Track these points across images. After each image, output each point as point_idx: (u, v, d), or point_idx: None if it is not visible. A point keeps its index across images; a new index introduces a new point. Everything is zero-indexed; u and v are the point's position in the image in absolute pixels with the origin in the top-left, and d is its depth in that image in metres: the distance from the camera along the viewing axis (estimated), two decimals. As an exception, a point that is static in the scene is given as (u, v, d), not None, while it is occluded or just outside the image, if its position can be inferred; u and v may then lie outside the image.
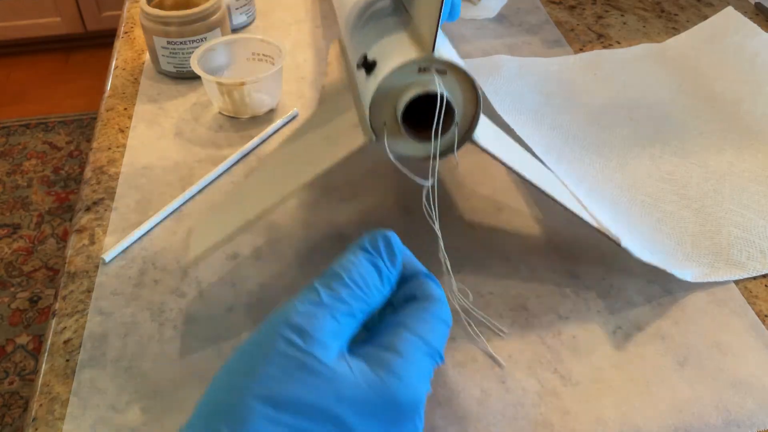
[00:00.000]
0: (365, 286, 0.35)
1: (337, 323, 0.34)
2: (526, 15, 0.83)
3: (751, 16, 0.81)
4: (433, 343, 0.35)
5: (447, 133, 0.41)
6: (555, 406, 0.43)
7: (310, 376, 0.31)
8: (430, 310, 0.36)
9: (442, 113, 0.40)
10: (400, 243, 0.38)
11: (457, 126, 0.42)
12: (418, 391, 0.33)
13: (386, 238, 0.38)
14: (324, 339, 0.33)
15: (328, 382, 0.31)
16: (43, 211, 1.85)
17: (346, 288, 0.35)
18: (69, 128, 2.15)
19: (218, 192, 0.57)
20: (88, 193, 0.57)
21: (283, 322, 0.33)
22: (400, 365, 0.33)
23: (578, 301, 0.49)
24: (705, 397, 0.43)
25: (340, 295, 0.34)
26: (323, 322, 0.33)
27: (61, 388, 0.43)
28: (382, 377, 0.32)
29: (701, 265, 0.51)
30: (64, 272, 0.51)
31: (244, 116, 0.65)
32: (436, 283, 0.39)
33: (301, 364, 0.32)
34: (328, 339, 0.33)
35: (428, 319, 0.36)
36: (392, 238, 0.38)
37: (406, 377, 0.33)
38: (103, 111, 0.67)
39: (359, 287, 0.35)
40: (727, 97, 0.67)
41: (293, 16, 0.82)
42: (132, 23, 0.82)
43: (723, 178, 0.58)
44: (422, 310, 0.36)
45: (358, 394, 0.32)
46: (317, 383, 0.31)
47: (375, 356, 0.33)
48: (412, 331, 0.35)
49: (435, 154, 0.42)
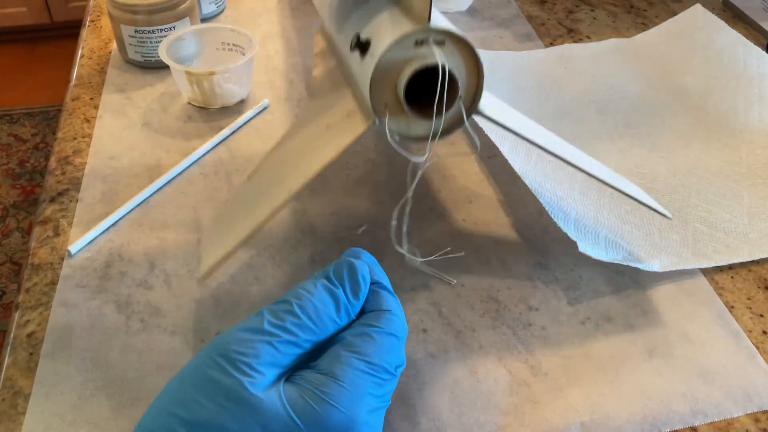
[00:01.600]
0: (316, 317, 0.35)
1: (275, 351, 0.33)
2: (497, 9, 0.83)
3: (719, 12, 0.82)
4: (377, 360, 0.34)
5: (452, 107, 0.39)
6: (525, 395, 0.43)
7: (236, 406, 0.31)
8: (377, 326, 0.36)
9: (445, 85, 0.38)
10: (366, 271, 0.37)
11: (461, 98, 0.40)
12: (353, 414, 0.32)
13: (352, 268, 0.37)
14: (257, 367, 0.32)
15: (252, 411, 0.31)
16: (7, 204, 1.81)
17: (293, 317, 0.34)
18: (34, 120, 2.11)
19: (187, 184, 0.57)
20: (53, 184, 0.56)
21: (218, 347, 0.33)
22: (335, 390, 0.32)
23: (548, 292, 0.49)
24: (673, 386, 0.43)
25: (285, 324, 0.34)
26: (259, 350, 0.33)
27: (24, 382, 0.42)
28: (312, 405, 0.32)
29: (669, 255, 0.51)
30: (28, 264, 0.50)
31: (214, 107, 0.64)
32: (392, 296, 0.38)
33: (228, 392, 0.31)
34: (262, 367, 0.32)
35: (373, 335, 0.35)
36: (359, 268, 0.37)
37: (339, 402, 0.32)
38: (68, 101, 0.66)
39: (309, 317, 0.34)
40: (695, 92, 0.68)
41: (263, 6, 0.81)
42: (99, 12, 0.80)
43: (690, 173, 0.59)
44: (368, 327, 0.36)
45: (283, 425, 0.31)
46: (241, 413, 0.31)
47: (311, 382, 0.33)
48: (353, 351, 0.34)
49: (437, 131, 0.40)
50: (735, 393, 0.43)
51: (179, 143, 0.61)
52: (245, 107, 0.65)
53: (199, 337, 0.45)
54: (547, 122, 0.64)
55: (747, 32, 0.79)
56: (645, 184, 0.58)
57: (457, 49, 0.39)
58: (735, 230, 0.54)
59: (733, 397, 0.43)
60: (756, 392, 0.43)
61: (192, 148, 0.60)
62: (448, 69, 0.38)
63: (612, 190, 0.56)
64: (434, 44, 0.38)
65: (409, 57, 0.38)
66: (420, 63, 0.38)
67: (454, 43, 0.39)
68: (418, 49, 0.38)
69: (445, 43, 0.38)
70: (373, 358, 0.34)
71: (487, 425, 0.41)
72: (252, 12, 0.80)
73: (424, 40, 0.38)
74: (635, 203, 0.55)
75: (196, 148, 0.60)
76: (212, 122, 0.63)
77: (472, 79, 0.40)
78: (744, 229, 0.54)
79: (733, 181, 0.58)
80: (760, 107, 0.64)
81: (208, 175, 0.58)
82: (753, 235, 0.53)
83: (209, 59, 0.68)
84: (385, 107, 0.40)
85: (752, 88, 0.66)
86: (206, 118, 0.64)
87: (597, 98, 0.67)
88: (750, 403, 0.43)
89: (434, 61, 0.37)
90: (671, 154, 0.61)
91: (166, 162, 0.58)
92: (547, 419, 0.41)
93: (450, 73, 0.38)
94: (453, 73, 0.38)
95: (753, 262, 0.52)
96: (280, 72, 0.70)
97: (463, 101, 0.40)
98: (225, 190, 0.56)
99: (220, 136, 0.61)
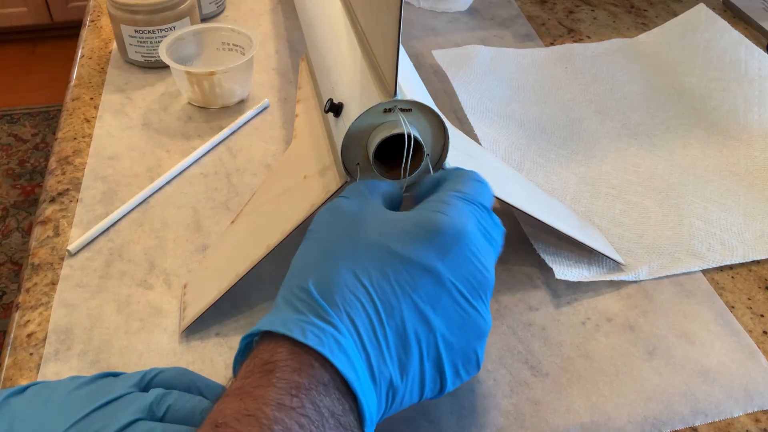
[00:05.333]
0: None
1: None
2: (497, 9, 0.83)
3: (719, 12, 0.82)
4: (468, 191, 0.37)
5: (420, 165, 0.43)
6: (526, 396, 0.43)
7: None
8: (459, 173, 0.40)
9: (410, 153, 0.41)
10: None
11: (428, 157, 0.43)
12: (458, 222, 0.35)
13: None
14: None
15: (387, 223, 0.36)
16: (8, 204, 1.81)
17: None
18: (35, 120, 2.11)
19: (187, 184, 0.57)
20: (53, 184, 0.56)
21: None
22: (442, 208, 0.36)
23: (548, 292, 0.49)
24: (673, 386, 0.43)
25: None
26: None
27: (24, 382, 0.42)
28: (423, 214, 0.36)
29: (661, 256, 0.51)
30: (28, 264, 0.50)
31: (214, 106, 0.64)
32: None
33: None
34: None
35: (459, 178, 0.39)
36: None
37: (443, 211, 0.35)
38: (68, 100, 0.66)
39: None
40: (695, 93, 0.68)
41: (264, 7, 0.81)
42: (99, 12, 0.80)
43: (687, 171, 0.59)
44: (452, 175, 0.40)
45: (402, 226, 0.35)
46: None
47: (420, 208, 0.37)
48: (445, 187, 0.38)
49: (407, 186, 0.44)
50: (735, 393, 0.43)
51: (179, 143, 0.61)
52: (245, 107, 0.65)
53: (198, 338, 0.45)
54: (544, 122, 0.64)
55: (747, 32, 0.79)
56: (642, 182, 0.58)
57: (423, 114, 0.42)
58: (730, 228, 0.54)
59: (734, 397, 0.43)
60: (757, 392, 0.43)
61: (192, 148, 0.60)
62: (413, 135, 0.41)
63: (605, 191, 0.57)
64: (401, 112, 0.41)
65: (378, 123, 0.41)
66: (387, 132, 0.41)
67: (419, 110, 0.42)
68: (387, 116, 0.41)
69: (412, 110, 0.41)
70: (464, 189, 0.38)
71: (487, 427, 0.41)
72: (252, 12, 0.80)
73: (392, 108, 0.41)
74: (628, 203, 0.56)
75: (196, 148, 0.60)
76: (212, 122, 0.63)
77: (438, 139, 0.43)
78: (739, 228, 0.54)
79: (731, 181, 0.58)
80: (760, 109, 0.64)
81: (208, 175, 0.58)
82: (747, 235, 0.53)
83: (209, 59, 0.68)
84: (357, 166, 0.43)
85: (753, 90, 0.66)
86: (206, 118, 0.64)
87: (597, 98, 0.67)
88: (750, 403, 0.43)
89: (401, 131, 0.40)
90: (670, 154, 0.61)
91: (166, 162, 0.58)
92: (547, 420, 0.41)
93: (416, 137, 0.41)
94: (418, 138, 0.41)
95: (753, 262, 0.52)
96: (280, 72, 0.70)
97: (431, 158, 0.44)
98: (225, 190, 0.56)
99: (220, 136, 0.61)
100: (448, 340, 0.34)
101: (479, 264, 0.35)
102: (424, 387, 0.34)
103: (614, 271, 0.50)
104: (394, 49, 0.38)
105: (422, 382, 0.34)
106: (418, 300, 0.34)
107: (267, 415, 0.28)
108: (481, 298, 0.35)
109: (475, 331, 0.35)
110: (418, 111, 0.42)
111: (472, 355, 0.35)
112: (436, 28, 0.79)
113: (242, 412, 0.28)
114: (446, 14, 0.81)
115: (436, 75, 0.70)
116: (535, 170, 0.58)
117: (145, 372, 0.36)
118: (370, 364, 0.32)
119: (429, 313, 0.34)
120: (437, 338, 0.34)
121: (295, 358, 0.30)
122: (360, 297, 0.33)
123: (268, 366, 0.30)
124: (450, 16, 0.81)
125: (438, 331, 0.34)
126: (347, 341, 0.31)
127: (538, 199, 0.50)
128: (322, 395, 0.30)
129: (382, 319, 0.33)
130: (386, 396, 0.33)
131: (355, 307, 0.32)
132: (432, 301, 0.34)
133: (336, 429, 0.29)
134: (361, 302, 0.33)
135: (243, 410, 0.28)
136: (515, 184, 0.51)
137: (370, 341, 0.32)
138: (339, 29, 0.51)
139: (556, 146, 0.61)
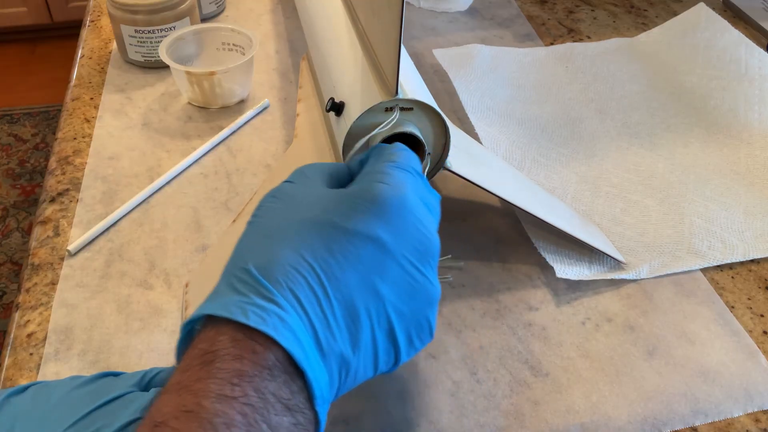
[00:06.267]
0: None
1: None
2: (497, 9, 0.83)
3: (719, 12, 0.81)
4: (401, 160, 0.37)
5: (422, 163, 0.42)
6: (526, 396, 0.43)
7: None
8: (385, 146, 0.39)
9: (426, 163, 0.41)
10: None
11: (429, 156, 0.43)
12: (398, 190, 0.34)
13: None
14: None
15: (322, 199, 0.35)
16: (8, 204, 1.81)
17: None
18: (35, 120, 2.11)
19: (187, 184, 0.57)
20: (53, 184, 0.56)
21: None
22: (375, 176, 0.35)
23: (548, 292, 0.49)
24: (674, 386, 0.43)
25: None
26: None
27: (24, 382, 0.42)
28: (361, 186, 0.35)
29: (662, 255, 0.51)
30: (28, 264, 0.50)
31: (214, 106, 0.64)
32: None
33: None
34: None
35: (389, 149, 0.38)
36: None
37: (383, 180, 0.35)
38: (68, 100, 0.66)
39: None
40: (696, 92, 0.68)
41: (264, 7, 0.81)
42: (99, 12, 0.80)
43: (688, 170, 0.59)
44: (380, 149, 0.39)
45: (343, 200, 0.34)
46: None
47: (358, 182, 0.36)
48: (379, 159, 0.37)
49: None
50: (735, 393, 0.43)
51: (179, 143, 0.61)
52: (245, 107, 0.65)
53: (199, 338, 0.45)
54: (545, 122, 0.64)
55: (747, 32, 0.78)
56: (642, 181, 0.58)
57: (424, 113, 0.42)
58: (731, 227, 0.54)
59: (734, 397, 0.43)
60: (757, 392, 0.43)
61: (192, 148, 0.60)
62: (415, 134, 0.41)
63: (606, 190, 0.57)
64: (401, 111, 0.41)
65: (380, 121, 0.41)
66: (389, 131, 0.41)
67: (420, 109, 0.42)
68: (388, 114, 0.41)
69: (413, 109, 0.42)
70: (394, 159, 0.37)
71: (487, 427, 0.41)
72: (252, 12, 0.80)
73: (393, 107, 0.41)
74: (629, 201, 0.56)
75: (196, 148, 0.60)
76: (212, 122, 0.63)
77: (439, 138, 0.43)
78: (740, 227, 0.54)
79: (731, 180, 0.58)
80: (761, 108, 0.64)
81: (208, 175, 0.58)
82: (748, 233, 0.53)
83: (209, 59, 0.68)
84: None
85: (753, 90, 0.66)
86: (206, 118, 0.64)
87: (597, 97, 0.67)
88: (750, 403, 0.43)
89: (402, 130, 0.41)
90: (670, 153, 0.61)
91: (166, 162, 0.58)
92: (547, 421, 0.41)
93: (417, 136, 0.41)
94: (419, 137, 0.41)
95: (753, 262, 0.52)
96: (280, 72, 0.70)
97: (432, 156, 0.44)
98: (225, 190, 0.56)
99: (220, 136, 0.61)
100: (398, 309, 0.34)
101: (424, 229, 0.35)
102: (378, 359, 0.34)
103: (615, 269, 0.50)
104: (396, 47, 0.38)
105: (375, 354, 0.33)
106: (365, 270, 0.33)
107: (207, 409, 0.27)
108: (429, 264, 0.35)
109: (425, 297, 0.35)
110: (419, 110, 0.42)
111: (425, 322, 0.35)
112: (436, 28, 0.79)
113: (181, 408, 0.27)
114: (446, 14, 0.81)
115: (437, 74, 0.70)
116: (535, 169, 0.58)
117: (145, 372, 0.36)
118: (318, 340, 0.31)
119: (377, 282, 0.33)
120: (387, 307, 0.33)
121: (236, 345, 0.29)
122: (303, 273, 0.32)
123: (207, 356, 0.29)
124: (450, 16, 0.81)
125: (387, 300, 0.33)
126: (292, 317, 0.30)
127: (539, 198, 0.50)
128: (267, 380, 0.28)
129: (328, 293, 0.32)
130: (339, 372, 0.32)
131: (298, 283, 0.31)
132: (379, 271, 0.33)
133: (283, 413, 0.28)
134: (304, 278, 0.32)
135: (181, 407, 0.27)
136: (516, 183, 0.51)
137: (316, 316, 0.31)
138: (340, 28, 0.51)
139: (557, 145, 0.61)
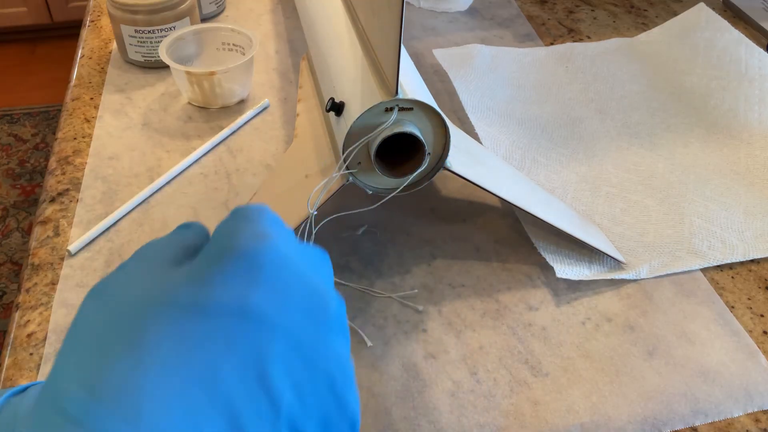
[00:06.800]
0: None
1: None
2: (497, 9, 0.83)
3: (719, 12, 0.82)
4: (239, 208, 0.27)
5: (421, 165, 0.43)
6: (526, 396, 0.43)
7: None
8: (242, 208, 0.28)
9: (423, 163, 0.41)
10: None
11: (429, 156, 0.43)
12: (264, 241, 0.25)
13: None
14: None
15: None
16: (8, 204, 1.81)
17: None
18: (35, 120, 2.11)
19: (187, 184, 0.57)
20: (53, 184, 0.56)
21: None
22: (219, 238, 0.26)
23: (548, 292, 0.49)
24: (674, 386, 0.43)
25: None
26: None
27: (24, 382, 0.42)
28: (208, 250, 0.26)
29: (662, 255, 0.51)
30: (28, 264, 0.50)
31: (214, 106, 0.64)
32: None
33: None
34: None
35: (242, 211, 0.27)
36: None
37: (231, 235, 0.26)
38: (68, 100, 0.66)
39: None
40: (696, 91, 0.68)
41: (264, 7, 0.81)
42: (99, 12, 0.80)
43: (688, 170, 0.59)
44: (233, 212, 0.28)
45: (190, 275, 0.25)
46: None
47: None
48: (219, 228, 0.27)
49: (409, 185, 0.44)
50: (735, 393, 0.43)
51: (179, 143, 0.61)
52: (245, 107, 0.65)
53: (199, 338, 0.45)
54: (545, 121, 0.64)
55: (747, 32, 0.78)
56: (642, 181, 0.58)
57: (424, 113, 0.42)
58: (731, 227, 0.54)
59: (734, 397, 0.43)
60: (757, 392, 0.43)
61: (192, 148, 0.60)
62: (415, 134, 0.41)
63: (606, 190, 0.57)
64: (401, 111, 0.41)
65: (380, 122, 0.41)
66: (389, 132, 0.41)
67: (421, 109, 0.42)
68: (388, 115, 0.41)
69: (413, 109, 0.42)
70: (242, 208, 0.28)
71: (487, 427, 0.41)
72: (252, 12, 0.80)
73: (393, 107, 0.41)
74: (629, 202, 0.56)
75: (196, 148, 0.60)
76: (212, 122, 0.63)
77: (439, 138, 0.43)
78: (740, 227, 0.54)
79: (731, 180, 0.58)
80: (760, 108, 0.64)
81: (208, 175, 0.58)
82: (748, 233, 0.53)
83: (209, 59, 0.68)
84: (359, 165, 0.43)
85: (753, 90, 0.66)
86: (206, 118, 0.64)
87: (597, 97, 0.67)
88: (750, 403, 0.43)
89: (402, 130, 0.41)
90: (670, 153, 0.61)
91: (166, 162, 0.58)
92: (547, 421, 0.41)
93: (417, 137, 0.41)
94: (420, 138, 0.41)
95: (753, 262, 0.52)
96: (280, 72, 0.70)
97: (432, 157, 0.44)
98: (225, 190, 0.56)
99: (220, 136, 0.61)
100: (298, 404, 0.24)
101: (308, 280, 0.25)
102: None
103: (615, 269, 0.50)
104: (396, 47, 0.38)
105: None
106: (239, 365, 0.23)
107: None
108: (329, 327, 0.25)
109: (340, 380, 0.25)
110: (419, 110, 0.42)
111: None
112: (436, 28, 0.79)
113: None
114: (446, 14, 0.81)
115: (437, 74, 0.70)
116: (535, 169, 0.58)
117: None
118: None
119: (264, 373, 0.23)
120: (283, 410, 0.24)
121: None
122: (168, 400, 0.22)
123: None
124: (450, 16, 0.81)
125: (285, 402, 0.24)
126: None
127: (539, 198, 0.50)
128: None
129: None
130: None
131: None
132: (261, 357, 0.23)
133: None
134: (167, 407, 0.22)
135: None
136: (516, 183, 0.51)
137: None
138: (340, 28, 0.51)
139: (557, 145, 0.61)
